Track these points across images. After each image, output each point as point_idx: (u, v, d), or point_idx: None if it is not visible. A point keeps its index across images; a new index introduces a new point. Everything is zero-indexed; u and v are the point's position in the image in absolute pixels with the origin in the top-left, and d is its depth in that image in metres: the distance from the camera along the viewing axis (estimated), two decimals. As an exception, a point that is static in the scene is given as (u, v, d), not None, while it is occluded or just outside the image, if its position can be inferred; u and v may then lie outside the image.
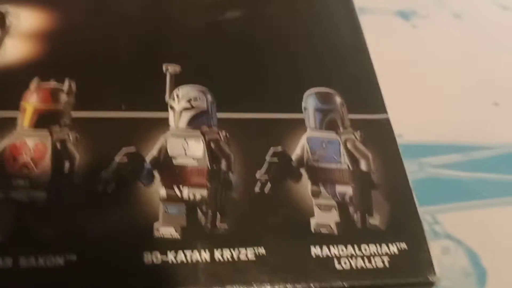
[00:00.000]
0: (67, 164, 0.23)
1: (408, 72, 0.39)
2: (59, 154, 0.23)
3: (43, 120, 0.24)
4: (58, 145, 0.23)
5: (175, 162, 0.23)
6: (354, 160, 0.24)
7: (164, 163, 0.23)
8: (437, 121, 0.39)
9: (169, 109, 0.25)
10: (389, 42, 0.40)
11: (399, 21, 0.46)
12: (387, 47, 0.32)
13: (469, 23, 0.46)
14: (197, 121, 0.25)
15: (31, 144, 0.23)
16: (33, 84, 0.25)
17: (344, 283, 0.21)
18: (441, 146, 0.39)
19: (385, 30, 0.41)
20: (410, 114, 0.30)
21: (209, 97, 0.25)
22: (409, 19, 0.47)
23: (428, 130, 0.36)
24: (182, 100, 0.25)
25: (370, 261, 0.21)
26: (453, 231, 0.34)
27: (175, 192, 0.22)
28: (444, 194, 0.35)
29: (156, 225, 0.21)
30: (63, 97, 0.25)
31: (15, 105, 0.24)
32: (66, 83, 0.25)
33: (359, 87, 0.27)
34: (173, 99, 0.25)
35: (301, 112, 0.26)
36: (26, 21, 0.28)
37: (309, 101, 0.26)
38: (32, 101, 0.24)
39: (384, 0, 0.46)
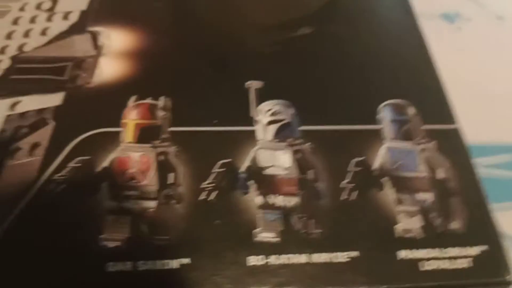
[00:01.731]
0: (171, 175, 0.25)
1: (458, 74, 0.40)
2: (163, 166, 0.25)
3: (145, 135, 0.26)
4: (161, 158, 0.25)
5: (266, 172, 0.25)
6: (432, 169, 0.26)
7: (257, 173, 0.25)
8: (486, 122, 0.40)
9: (256, 123, 0.27)
10: (437, 44, 0.41)
11: (444, 24, 0.48)
12: (436, 50, 0.34)
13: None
14: (282, 133, 0.27)
15: (136, 158, 0.25)
16: (132, 102, 0.27)
17: (430, 283, 0.23)
18: (491, 146, 0.40)
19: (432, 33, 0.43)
20: (460, 116, 0.32)
21: (292, 110, 0.27)
22: (454, 21, 0.48)
23: (476, 131, 0.38)
24: (267, 114, 0.27)
25: (453, 263, 0.23)
26: (508, 230, 0.35)
27: (270, 200, 0.25)
28: (496, 194, 0.36)
29: (256, 231, 0.24)
30: (160, 113, 0.27)
31: (117, 122, 0.27)
32: (162, 99, 0.27)
33: (429, 97, 0.29)
34: (259, 114, 0.27)
35: (377, 123, 0.27)
36: (117, 41, 0.30)
37: (385, 113, 0.28)
38: (132, 118, 0.27)
39: (428, 4, 0.47)
